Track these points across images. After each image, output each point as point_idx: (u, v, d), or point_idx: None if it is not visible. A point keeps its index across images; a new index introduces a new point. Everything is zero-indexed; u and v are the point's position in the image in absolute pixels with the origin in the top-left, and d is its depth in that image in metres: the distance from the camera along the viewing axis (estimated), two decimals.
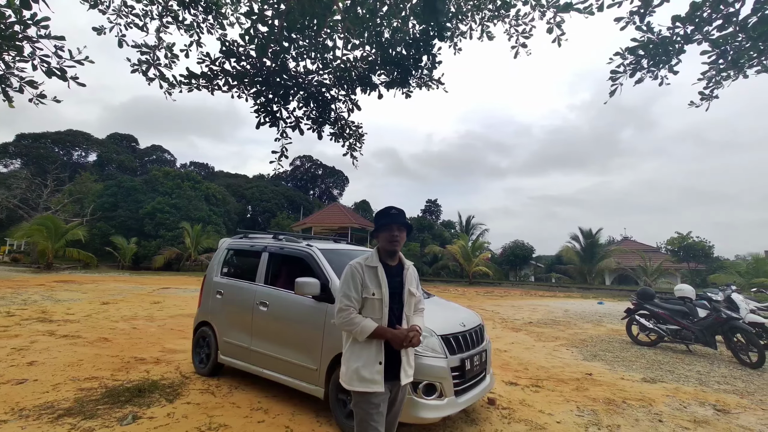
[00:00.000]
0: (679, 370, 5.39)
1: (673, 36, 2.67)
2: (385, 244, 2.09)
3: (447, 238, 33.97)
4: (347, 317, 1.95)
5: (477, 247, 27.51)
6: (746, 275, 23.43)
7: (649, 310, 6.96)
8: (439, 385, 2.91)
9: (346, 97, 3.80)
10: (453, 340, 3.15)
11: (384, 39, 3.32)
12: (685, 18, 2.57)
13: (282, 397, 3.74)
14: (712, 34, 2.55)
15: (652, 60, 2.81)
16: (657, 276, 27.10)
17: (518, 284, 28.68)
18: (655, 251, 32.74)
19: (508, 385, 4.43)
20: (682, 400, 4.10)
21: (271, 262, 4.27)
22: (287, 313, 3.78)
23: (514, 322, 9.74)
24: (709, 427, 3.37)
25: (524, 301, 16.42)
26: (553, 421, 3.41)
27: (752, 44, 2.43)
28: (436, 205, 46.11)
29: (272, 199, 45.80)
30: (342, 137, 4.12)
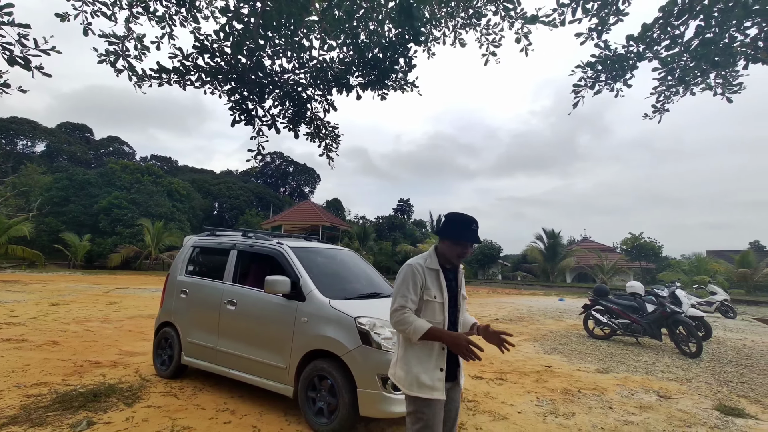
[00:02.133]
0: (629, 361, 5.81)
1: (627, 53, 2.90)
2: (451, 255, 1.96)
3: (418, 237, 34.46)
4: (401, 317, 1.84)
5: None
6: (690, 273, 25.41)
7: (604, 305, 7.43)
8: None
9: (322, 98, 3.78)
10: None
11: (360, 41, 3.34)
12: (638, 37, 2.80)
13: (249, 398, 3.67)
14: (661, 53, 2.79)
15: (609, 74, 3.03)
16: (612, 274, 28.90)
17: (486, 282, 29.63)
18: (611, 251, 34.90)
19: (474, 379, 4.59)
20: (631, 388, 4.43)
21: (240, 260, 4.18)
22: (256, 311, 3.72)
23: (481, 319, 10.06)
24: (653, 412, 3.68)
25: (491, 298, 16.99)
26: (514, 412, 3.58)
27: (696, 64, 2.69)
28: (408, 205, 46.60)
29: (241, 195, 44.43)
30: (318, 137, 4.10)
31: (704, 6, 2.42)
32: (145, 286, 15.47)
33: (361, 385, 2.93)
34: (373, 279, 4.49)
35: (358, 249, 27.75)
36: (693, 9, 2.47)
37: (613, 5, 2.80)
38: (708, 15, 2.41)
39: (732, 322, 11.42)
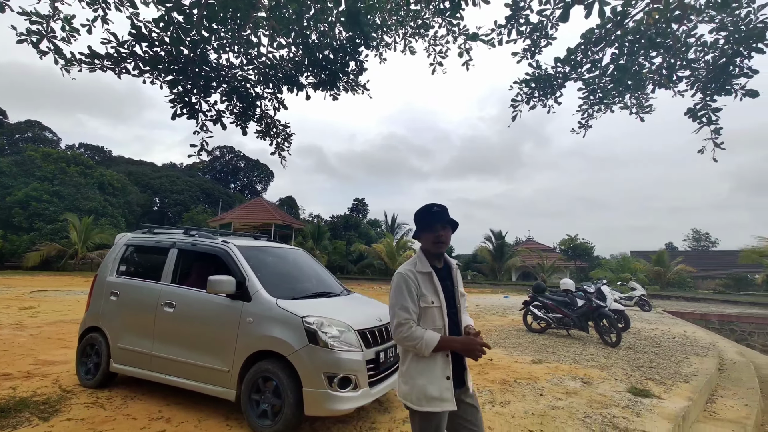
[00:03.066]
0: (560, 351, 6.35)
1: (556, 73, 3.21)
2: (429, 246, 1.88)
3: (373, 237, 34.65)
4: (408, 332, 1.73)
5: (402, 246, 28.55)
6: (616, 271, 28.13)
7: (541, 301, 8.04)
8: (354, 378, 3.02)
9: (272, 95, 3.70)
10: (369, 334, 3.29)
11: (311, 41, 3.32)
12: (563, 60, 3.11)
13: (187, 404, 3.49)
14: (584, 75, 3.13)
15: (541, 91, 3.33)
16: (551, 272, 31.23)
17: None
18: (552, 251, 37.73)
19: None
20: (560, 376, 4.85)
21: (181, 259, 3.95)
22: (197, 313, 3.55)
23: None
24: (577, 397, 4.07)
25: None
26: None
27: (614, 86, 3.04)
28: (363, 204, 46.64)
29: (186, 190, 41.62)
30: (269, 135, 4.00)
31: (617, 36, 2.76)
32: (69, 288, 13.95)
33: (307, 385, 2.91)
34: (324, 278, 4.47)
35: (311, 248, 27.25)
36: (608, 38, 2.80)
37: (543, 30, 3.08)
38: (621, 44, 2.75)
39: (647, 314, 12.88)
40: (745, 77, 2.75)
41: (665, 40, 2.67)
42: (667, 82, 2.84)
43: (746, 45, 2.59)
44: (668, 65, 2.74)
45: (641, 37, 2.64)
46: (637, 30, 2.68)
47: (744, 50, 2.62)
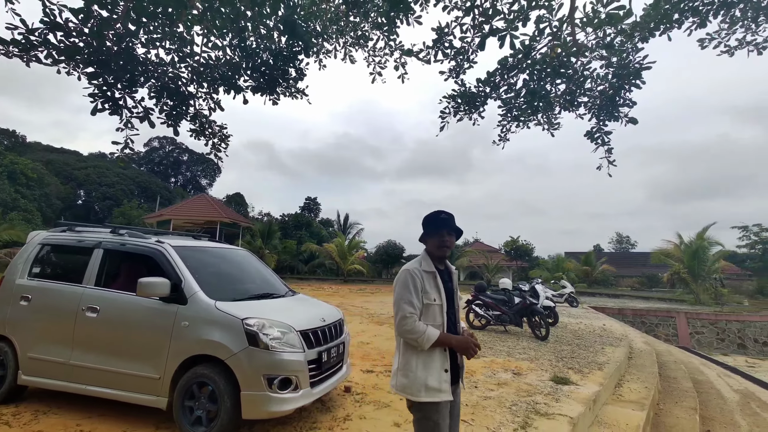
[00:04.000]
0: (497, 346, 6.81)
1: (479, 92, 3.53)
2: (434, 249, 2.02)
3: (325, 237, 34.26)
4: (411, 325, 1.84)
5: (353, 246, 28.58)
6: (552, 270, 30.50)
7: (482, 300, 8.55)
8: (295, 378, 3.03)
9: (207, 95, 3.57)
10: (312, 335, 3.31)
11: (249, 46, 3.27)
12: (484, 81, 3.44)
13: (111, 416, 3.25)
14: (502, 95, 3.49)
15: (466, 106, 3.62)
16: (495, 272, 33.10)
17: (389, 281, 30.99)
18: (496, 252, 39.97)
19: (366, 373, 4.85)
20: (494, 369, 5.23)
21: (107, 260, 3.67)
22: (125, 317, 3.32)
23: (380, 316, 10.56)
24: (507, 387, 4.42)
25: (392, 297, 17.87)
26: (397, 399, 3.91)
27: (527, 106, 3.42)
28: (315, 203, 45.91)
29: (117, 183, 38.00)
30: (203, 135, 3.84)
31: (528, 64, 3.12)
32: None
33: (245, 388, 2.87)
34: (268, 279, 4.40)
35: (260, 247, 26.27)
36: (520, 66, 3.15)
37: (465, 54, 3.38)
38: (531, 72, 3.12)
39: (575, 310, 14.19)
40: (628, 107, 3.30)
41: (566, 71, 3.09)
42: (570, 106, 3.28)
43: (628, 81, 3.10)
44: (570, 92, 3.17)
45: (547, 66, 3.02)
46: (543, 61, 3.06)
47: (626, 85, 3.14)
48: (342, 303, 13.67)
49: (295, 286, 23.22)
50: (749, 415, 5.56)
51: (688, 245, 20.84)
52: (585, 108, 3.40)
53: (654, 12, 2.81)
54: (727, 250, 24.35)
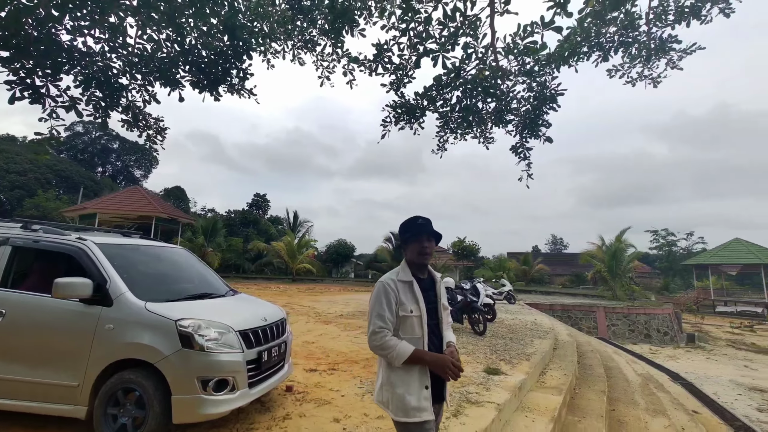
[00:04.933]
0: None
1: (417, 104, 3.77)
2: (414, 256, 1.91)
3: (273, 235, 33.17)
4: (381, 341, 1.74)
5: (303, 245, 28.05)
6: (495, 270, 32.37)
7: None
8: (232, 380, 2.97)
9: (142, 87, 3.36)
10: (252, 335, 3.27)
11: (188, 42, 3.14)
12: (421, 95, 3.70)
13: (17, 430, 2.94)
14: (439, 109, 3.76)
15: (407, 116, 3.85)
16: (443, 272, 34.40)
17: (339, 281, 30.88)
18: (444, 251, 41.50)
19: (309, 372, 4.86)
20: None
21: (16, 259, 3.31)
22: (37, 321, 3.03)
23: (327, 315, 10.53)
24: None
25: (341, 296, 17.86)
26: (338, 396, 3.99)
27: (462, 120, 3.72)
28: (264, 200, 44.26)
29: (30, 171, 33.57)
30: (136, 126, 3.61)
31: (461, 83, 3.41)
32: None
33: (176, 392, 2.77)
34: (207, 279, 4.25)
35: (202, 245, 24.73)
36: (454, 84, 3.43)
37: (405, 70, 3.60)
38: (464, 90, 3.41)
39: (512, 306, 15.26)
40: (545, 127, 3.74)
41: (495, 91, 3.43)
42: (499, 123, 3.64)
43: (545, 104, 3.53)
44: (499, 110, 3.52)
45: (478, 86, 3.33)
46: (474, 81, 3.36)
47: (544, 107, 3.56)
48: (289, 302, 13.39)
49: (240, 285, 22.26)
50: (647, 394, 6.44)
51: (608, 247, 23.36)
52: (512, 125, 3.79)
53: (567, 44, 3.24)
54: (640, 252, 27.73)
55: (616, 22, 3.50)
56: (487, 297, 9.90)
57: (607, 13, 3.29)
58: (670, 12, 3.46)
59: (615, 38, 3.58)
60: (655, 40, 3.65)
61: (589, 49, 3.46)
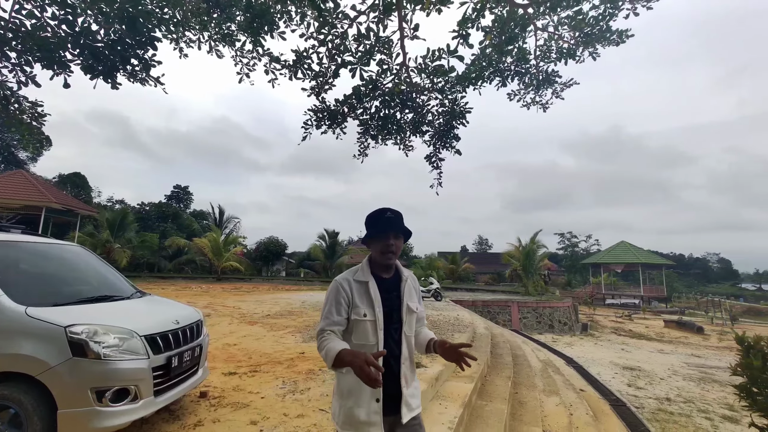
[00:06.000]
0: None
1: (338, 110, 3.90)
2: (377, 255, 1.69)
3: (197, 230, 30.68)
4: (319, 342, 1.57)
5: (230, 242, 26.39)
6: (425, 268, 33.80)
7: None
8: (134, 388, 2.74)
9: (16, 67, 2.91)
10: (161, 339, 3.05)
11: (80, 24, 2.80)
12: (342, 102, 3.83)
13: None
14: (360, 116, 3.93)
15: (329, 121, 3.95)
16: None
17: (269, 279, 29.63)
18: None
19: (227, 375, 4.64)
20: None
21: None
22: None
23: (253, 316, 10.09)
24: None
25: (270, 295, 17.19)
26: (258, 398, 3.89)
27: (382, 128, 3.93)
28: (186, 193, 40.64)
29: None
30: (6, 112, 3.10)
31: (379, 94, 3.62)
32: None
33: (63, 406, 2.47)
34: (108, 279, 3.83)
35: (107, 241, 21.87)
36: (373, 94, 3.63)
37: (325, 77, 3.70)
38: (383, 101, 3.62)
39: (439, 303, 16.14)
40: (456, 140, 4.15)
41: (411, 104, 3.70)
42: (416, 133, 3.93)
43: (456, 119, 3.92)
44: (416, 122, 3.80)
45: (395, 98, 3.57)
46: (391, 93, 3.59)
47: (455, 123, 3.95)
48: (211, 303, 12.55)
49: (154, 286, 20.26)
50: (545, 377, 7.34)
51: (524, 247, 25.94)
52: (428, 136, 4.10)
53: (473, 68, 3.63)
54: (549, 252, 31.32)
55: (511, 54, 3.98)
56: None
57: (503, 47, 3.73)
58: (552, 52, 4.07)
59: (512, 68, 4.09)
60: (542, 73, 4.24)
61: (491, 74, 3.91)
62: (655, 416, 5.97)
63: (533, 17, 3.79)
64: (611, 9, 3.47)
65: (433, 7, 3.23)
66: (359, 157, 4.28)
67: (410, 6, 3.32)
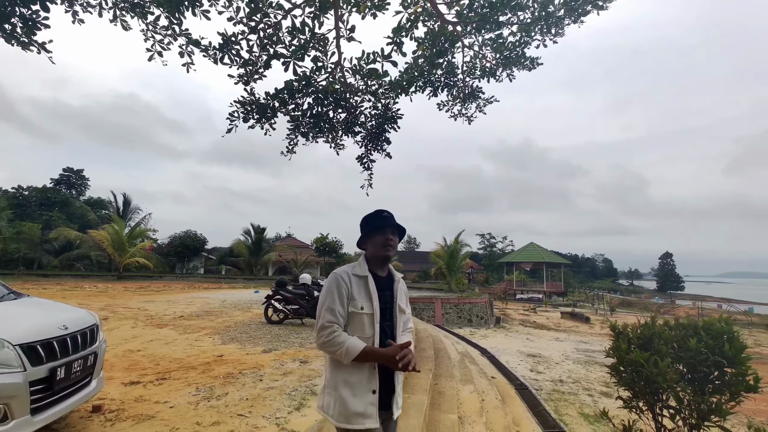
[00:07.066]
0: (291, 339, 7.11)
1: (268, 104, 3.76)
2: (377, 249, 1.78)
3: (93, 221, 26.66)
4: (330, 336, 1.57)
5: (137, 235, 23.49)
6: None
7: (282, 295, 8.72)
8: (3, 408, 2.29)
9: None
10: (43, 348, 2.60)
11: None
12: (272, 96, 3.72)
13: None
14: (291, 112, 3.84)
15: (257, 114, 3.79)
16: (304, 267, 34.14)
17: (185, 277, 27.04)
18: (307, 247, 41.24)
19: (128, 386, 4.13)
20: (283, 360, 5.45)
21: None
22: None
23: (162, 318, 9.13)
24: (291, 375, 4.71)
25: (184, 294, 15.71)
26: (166, 408, 3.53)
27: (314, 125, 3.89)
28: (80, 177, 35.07)
29: None
30: None
31: (312, 91, 3.61)
32: None
33: None
34: None
35: None
36: (306, 90, 3.60)
37: (255, 66, 3.56)
38: (316, 97, 3.61)
39: None
40: (387, 144, 4.31)
41: (345, 104, 3.74)
42: (349, 133, 3.97)
43: (387, 123, 4.07)
44: (348, 122, 3.85)
45: (329, 96, 3.57)
46: (325, 91, 3.59)
47: (387, 126, 4.10)
48: (110, 305, 11.07)
49: (33, 286, 17.38)
50: (462, 368, 7.92)
51: (449, 247, 27.59)
52: (360, 137, 4.14)
53: (406, 76, 3.79)
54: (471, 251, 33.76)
55: (441, 66, 4.24)
56: None
57: (434, 59, 3.96)
58: (477, 69, 4.44)
59: (442, 79, 4.35)
60: (467, 88, 4.59)
61: (423, 84, 4.11)
62: (550, 396, 6.83)
63: (461, 35, 4.06)
64: (526, 37, 3.89)
65: (369, 11, 3.25)
66: (287, 154, 4.11)
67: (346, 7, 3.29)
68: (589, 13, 3.63)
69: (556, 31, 3.86)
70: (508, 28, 3.85)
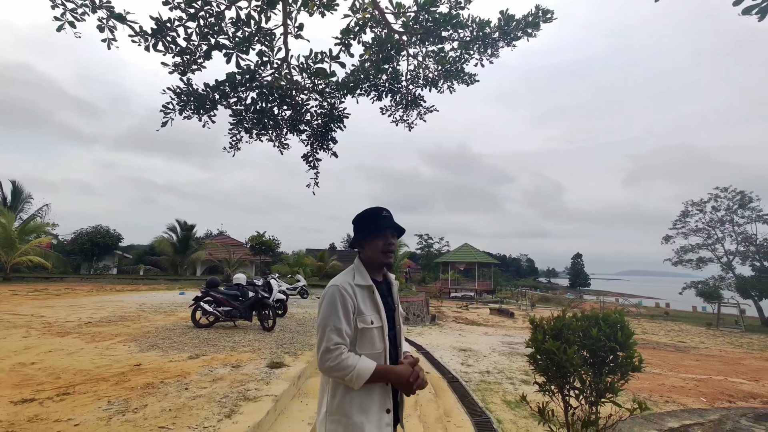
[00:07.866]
0: (222, 342, 6.68)
1: (209, 95, 3.59)
2: (376, 254, 1.60)
3: None
4: (337, 360, 1.39)
5: (31, 230, 20.24)
6: (293, 265, 33.01)
7: (213, 296, 8.16)
8: None
9: None
10: None
11: None
12: (212, 88, 3.58)
13: None
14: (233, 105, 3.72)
15: (195, 105, 3.59)
16: (237, 267, 32.25)
17: (92, 278, 23.86)
18: (241, 246, 38.98)
19: (19, 404, 3.55)
20: (212, 366, 5.11)
21: None
22: None
23: (64, 325, 7.98)
24: (222, 381, 4.44)
25: (92, 298, 13.89)
26: (69, 426, 3.11)
27: (257, 122, 3.79)
28: None
29: None
30: None
31: (257, 86, 3.53)
32: None
33: None
34: None
35: None
36: (250, 84, 3.51)
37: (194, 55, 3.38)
38: (260, 92, 3.53)
39: (305, 301, 16.01)
40: (333, 143, 4.37)
41: (291, 101, 3.70)
42: (294, 131, 3.94)
43: (333, 123, 4.13)
44: (293, 119, 3.82)
45: (274, 92, 3.51)
46: (270, 87, 3.52)
47: (333, 126, 4.16)
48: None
49: None
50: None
51: None
52: (306, 135, 4.11)
53: (352, 78, 3.85)
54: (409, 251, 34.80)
55: (387, 72, 4.38)
56: (280, 293, 10.04)
57: (380, 65, 4.09)
58: (420, 78, 4.68)
59: (386, 85, 4.50)
60: (410, 95, 4.81)
61: (369, 87, 4.22)
62: (478, 387, 7.33)
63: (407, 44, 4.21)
64: (466, 54, 4.19)
65: (317, 9, 3.22)
66: (230, 151, 3.89)
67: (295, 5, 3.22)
68: (520, 38, 4.01)
69: (492, 52, 4.20)
70: (450, 43, 4.10)
